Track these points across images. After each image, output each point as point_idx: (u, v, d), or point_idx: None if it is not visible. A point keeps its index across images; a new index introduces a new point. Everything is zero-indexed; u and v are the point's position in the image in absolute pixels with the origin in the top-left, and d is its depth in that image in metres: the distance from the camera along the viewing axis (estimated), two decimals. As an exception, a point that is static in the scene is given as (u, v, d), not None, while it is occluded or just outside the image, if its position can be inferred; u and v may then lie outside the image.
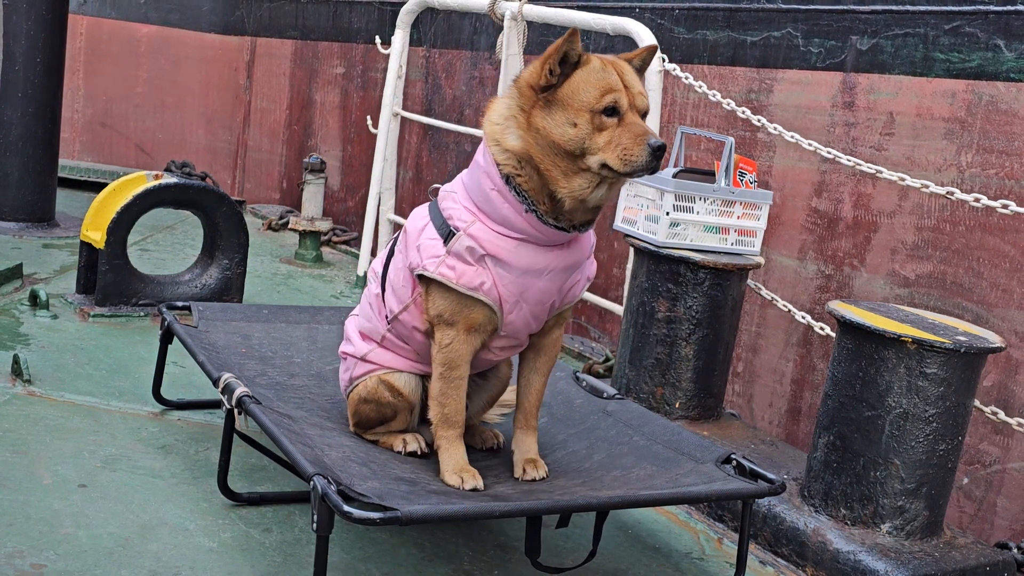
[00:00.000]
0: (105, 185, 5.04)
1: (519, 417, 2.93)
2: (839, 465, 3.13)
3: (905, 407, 3.01)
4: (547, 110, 2.57)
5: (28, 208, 6.14)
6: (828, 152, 4.20)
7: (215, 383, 2.93)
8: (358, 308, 3.07)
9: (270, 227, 7.35)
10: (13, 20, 6.04)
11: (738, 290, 3.90)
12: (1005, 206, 3.68)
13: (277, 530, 2.86)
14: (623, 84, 2.58)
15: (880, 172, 4.03)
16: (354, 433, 2.99)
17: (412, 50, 6.77)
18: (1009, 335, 4.56)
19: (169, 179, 4.78)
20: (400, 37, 5.91)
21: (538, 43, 6.16)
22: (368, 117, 6.40)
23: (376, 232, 5.98)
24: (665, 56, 4.56)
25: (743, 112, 4.56)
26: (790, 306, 4.41)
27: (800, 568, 3.13)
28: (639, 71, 2.69)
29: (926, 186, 3.89)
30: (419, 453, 2.92)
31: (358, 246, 6.42)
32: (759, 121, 4.50)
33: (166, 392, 3.63)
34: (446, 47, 7.46)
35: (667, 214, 3.82)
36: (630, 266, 4.20)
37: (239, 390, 2.82)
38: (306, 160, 6.68)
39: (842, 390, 3.13)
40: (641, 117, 2.59)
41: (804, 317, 4.31)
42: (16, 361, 3.72)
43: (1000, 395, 4.62)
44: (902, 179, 3.96)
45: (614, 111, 2.55)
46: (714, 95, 4.64)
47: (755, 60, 5.55)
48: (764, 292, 4.47)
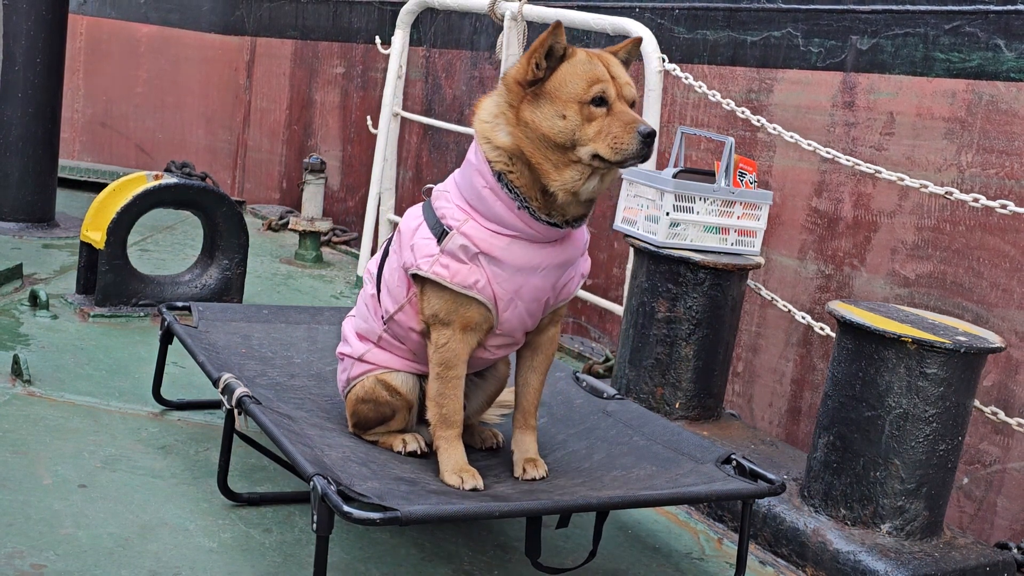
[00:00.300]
0: (105, 185, 5.04)
1: (518, 416, 2.93)
2: (839, 465, 3.13)
3: (905, 407, 3.01)
4: (535, 104, 2.58)
5: (28, 208, 6.14)
6: (828, 152, 4.20)
7: (215, 383, 2.93)
8: (355, 309, 3.07)
9: (270, 227, 7.35)
10: (13, 20, 6.04)
11: (738, 290, 3.90)
12: (1004, 206, 3.68)
13: (277, 530, 2.86)
14: (610, 75, 2.59)
15: (879, 172, 4.03)
16: (354, 434, 2.99)
17: (412, 50, 6.77)
18: (1009, 335, 4.56)
19: (169, 179, 4.78)
20: (400, 37, 5.91)
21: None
22: (368, 117, 6.40)
23: (376, 232, 5.97)
24: (665, 56, 4.55)
25: (743, 112, 4.56)
26: (790, 306, 4.40)
27: (800, 568, 3.13)
28: (624, 64, 2.70)
29: (925, 186, 3.89)
30: (419, 453, 2.92)
31: (358, 246, 6.42)
32: (759, 121, 4.50)
33: (166, 392, 3.64)
34: (446, 47, 7.46)
35: (667, 214, 3.82)
36: (630, 266, 4.20)
37: (239, 390, 2.82)
38: (306, 160, 6.68)
39: (842, 390, 3.13)
40: (629, 106, 2.59)
41: (804, 317, 4.31)
42: (16, 361, 3.72)
43: (1000, 395, 4.62)
44: (901, 179, 3.96)
45: (602, 101, 2.56)
46: (714, 95, 4.64)
47: (755, 60, 5.55)
48: (764, 292, 4.46)
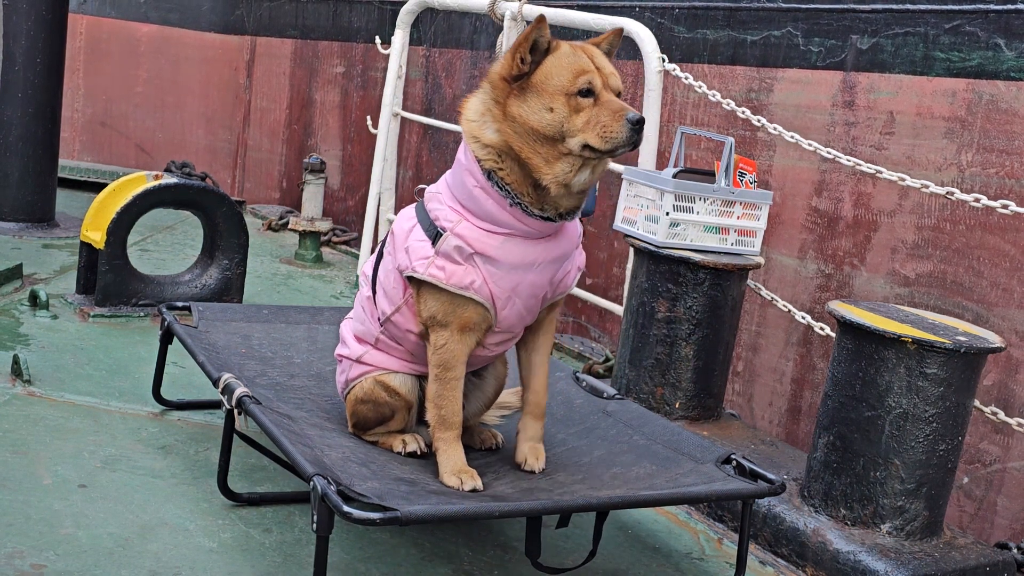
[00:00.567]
0: (105, 185, 5.04)
1: (529, 399, 2.89)
2: (839, 465, 3.13)
3: (905, 407, 3.01)
4: (522, 98, 2.58)
5: (28, 208, 6.14)
6: (828, 152, 4.20)
7: (215, 383, 2.93)
8: (352, 311, 3.08)
9: (270, 227, 7.35)
10: (13, 20, 6.03)
11: (738, 290, 3.90)
12: (1005, 206, 3.67)
13: (277, 530, 2.86)
14: (595, 65, 2.59)
15: (880, 172, 4.02)
16: (353, 434, 2.99)
17: (412, 49, 6.77)
18: (1009, 334, 4.56)
19: (169, 179, 4.78)
20: (400, 37, 5.90)
21: (538, 43, 6.15)
22: (368, 117, 6.40)
23: (376, 232, 5.97)
24: (665, 56, 4.55)
25: (743, 112, 4.56)
26: (790, 306, 4.40)
27: (800, 568, 3.13)
28: (607, 54, 2.70)
29: (926, 186, 3.88)
30: (419, 453, 2.92)
31: (358, 246, 6.43)
32: (759, 121, 4.50)
33: (166, 392, 3.64)
34: (446, 46, 7.46)
35: (667, 214, 3.82)
36: (630, 266, 4.20)
37: (239, 390, 2.82)
38: (306, 160, 6.68)
39: (842, 390, 3.13)
40: (614, 95, 2.59)
41: (804, 317, 4.31)
42: (16, 361, 3.72)
43: (1000, 394, 4.62)
44: (902, 179, 3.96)
45: (589, 92, 2.56)
46: (714, 95, 4.63)
47: (755, 59, 5.55)
48: (764, 292, 4.46)
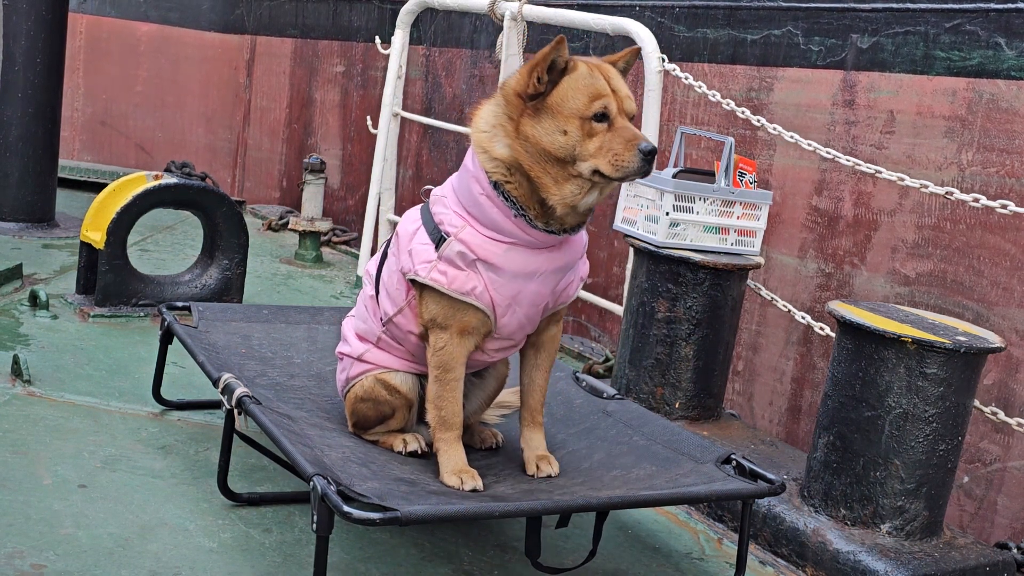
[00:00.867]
0: (105, 185, 5.04)
1: (525, 415, 2.93)
2: (839, 465, 3.13)
3: (905, 407, 3.01)
4: (536, 118, 2.57)
5: (28, 208, 6.14)
6: (828, 152, 4.20)
7: (215, 383, 2.93)
8: (354, 309, 3.08)
9: (270, 227, 7.35)
10: (13, 20, 6.03)
11: (738, 290, 3.90)
12: (1004, 206, 3.67)
13: (277, 530, 2.86)
14: (611, 88, 2.58)
15: (879, 172, 4.02)
16: (354, 434, 2.99)
17: (412, 48, 6.76)
18: (1010, 334, 4.56)
19: (169, 179, 4.78)
20: (400, 37, 5.90)
21: (538, 43, 6.16)
22: (368, 117, 6.40)
23: (376, 232, 5.97)
24: (665, 56, 4.55)
25: (743, 112, 4.56)
26: (790, 306, 4.40)
27: (800, 568, 3.13)
28: (622, 72, 2.69)
29: (925, 186, 3.88)
30: (419, 453, 2.92)
31: (358, 246, 6.42)
32: (759, 121, 4.50)
33: (166, 392, 3.64)
34: (446, 45, 7.46)
35: (667, 214, 3.82)
36: (630, 266, 4.20)
37: (239, 390, 2.82)
38: (306, 160, 6.68)
39: (842, 390, 3.13)
40: (628, 120, 2.59)
41: (804, 317, 4.31)
42: (16, 361, 3.72)
43: (1000, 393, 4.62)
44: (901, 179, 3.96)
45: (604, 117, 2.55)
46: (714, 95, 4.63)
47: (755, 58, 5.54)
48: (764, 292, 4.46)
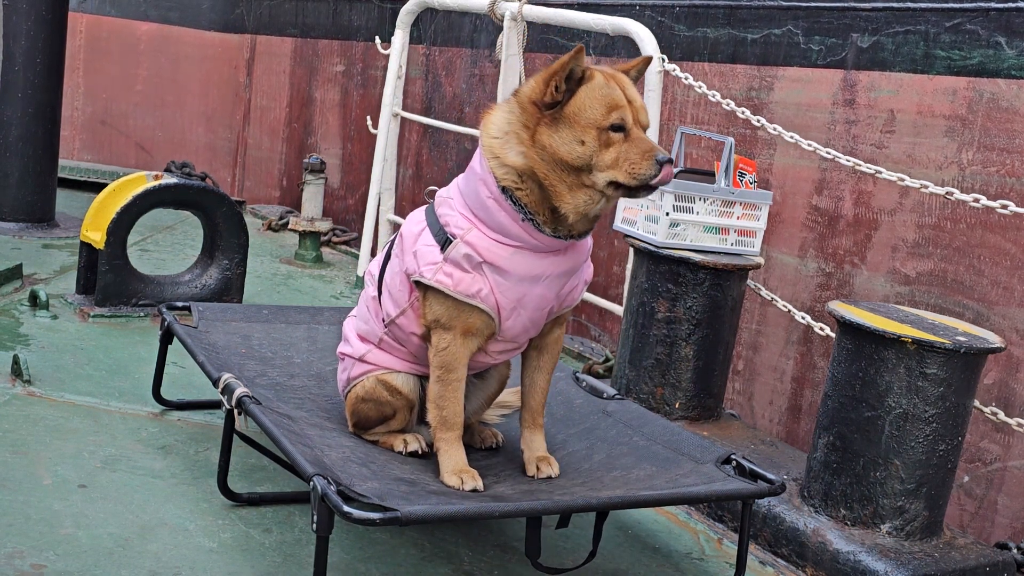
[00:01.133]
0: (105, 185, 5.04)
1: (526, 416, 2.93)
2: (839, 465, 3.13)
3: (905, 407, 3.01)
4: (554, 128, 2.57)
5: (28, 208, 6.14)
6: (828, 153, 4.20)
7: (215, 383, 2.93)
8: (356, 309, 3.08)
9: (270, 227, 7.35)
10: (13, 20, 6.03)
11: (738, 290, 3.90)
12: (1004, 206, 3.67)
13: (277, 530, 2.86)
14: (626, 98, 2.59)
15: (879, 172, 4.02)
16: (354, 434, 2.99)
17: (412, 48, 6.76)
18: (1010, 333, 4.56)
19: (169, 179, 4.78)
20: (400, 37, 5.90)
21: (538, 43, 6.16)
22: (368, 118, 6.39)
23: (376, 233, 5.98)
24: (665, 56, 4.55)
25: (743, 112, 4.56)
26: (790, 306, 4.40)
27: (800, 568, 3.13)
28: (634, 81, 2.70)
29: (925, 186, 3.88)
30: (420, 453, 2.92)
31: (358, 246, 6.42)
32: (759, 122, 4.49)
33: (166, 392, 3.64)
34: (446, 45, 7.46)
35: (667, 214, 3.82)
36: (630, 266, 4.20)
37: (239, 390, 2.82)
38: (306, 160, 6.67)
39: (842, 390, 3.13)
40: (643, 130, 2.60)
41: (804, 317, 4.31)
42: (16, 361, 3.72)
43: (1001, 393, 4.62)
44: (901, 179, 3.95)
45: (620, 127, 2.56)
46: (714, 95, 4.63)
47: (756, 58, 5.54)
48: (764, 292, 4.46)
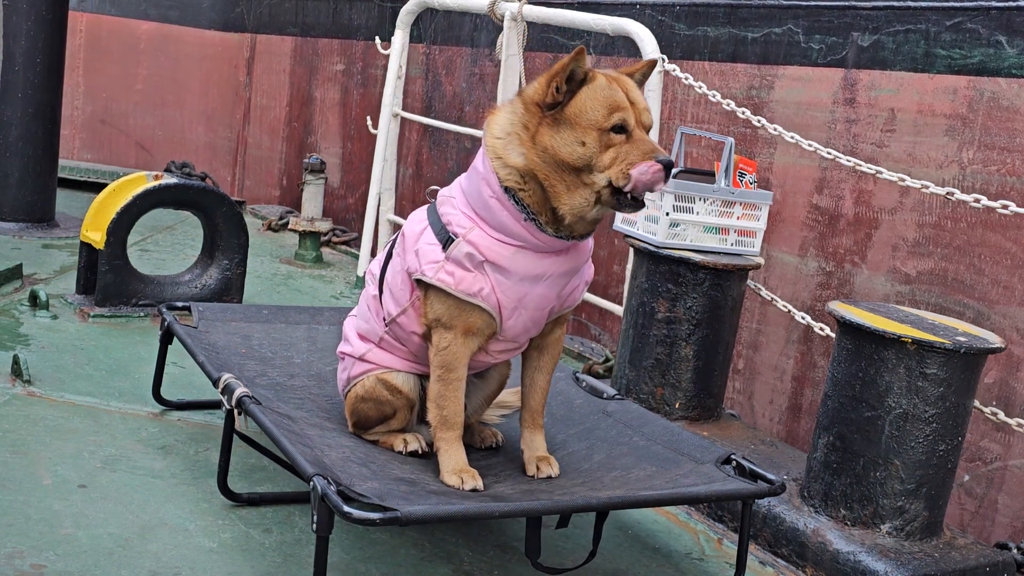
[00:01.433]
0: (105, 185, 5.04)
1: (526, 416, 2.93)
2: (839, 465, 3.13)
3: (905, 407, 3.01)
4: (555, 128, 2.57)
5: (28, 208, 6.14)
6: (828, 152, 4.20)
7: (215, 383, 2.93)
8: (356, 309, 3.08)
9: (270, 227, 7.35)
10: (13, 20, 6.03)
11: (738, 290, 3.90)
12: (1005, 206, 3.67)
13: (277, 530, 2.86)
14: (628, 100, 2.58)
15: (880, 172, 4.02)
16: (354, 434, 2.99)
17: (412, 47, 6.76)
18: (1010, 332, 4.55)
19: (169, 179, 4.78)
20: (400, 37, 5.90)
21: (538, 42, 6.15)
22: (368, 118, 6.39)
23: (376, 232, 5.98)
24: (665, 56, 4.55)
25: (743, 112, 4.56)
26: (790, 306, 4.40)
27: (800, 568, 3.13)
28: (639, 83, 2.69)
29: (926, 187, 3.88)
30: (420, 452, 2.92)
31: (358, 246, 6.42)
32: (759, 122, 4.49)
33: (166, 392, 3.64)
34: (446, 44, 7.46)
35: (667, 214, 3.82)
36: (630, 266, 4.20)
37: (239, 390, 2.82)
38: (306, 160, 6.67)
39: (842, 390, 3.13)
40: (646, 132, 2.59)
41: (804, 317, 4.31)
42: (16, 361, 3.72)
43: (1001, 392, 4.61)
44: (902, 179, 3.95)
45: (622, 129, 2.55)
46: (714, 95, 4.63)
47: (756, 56, 5.54)
48: (764, 292, 4.46)
